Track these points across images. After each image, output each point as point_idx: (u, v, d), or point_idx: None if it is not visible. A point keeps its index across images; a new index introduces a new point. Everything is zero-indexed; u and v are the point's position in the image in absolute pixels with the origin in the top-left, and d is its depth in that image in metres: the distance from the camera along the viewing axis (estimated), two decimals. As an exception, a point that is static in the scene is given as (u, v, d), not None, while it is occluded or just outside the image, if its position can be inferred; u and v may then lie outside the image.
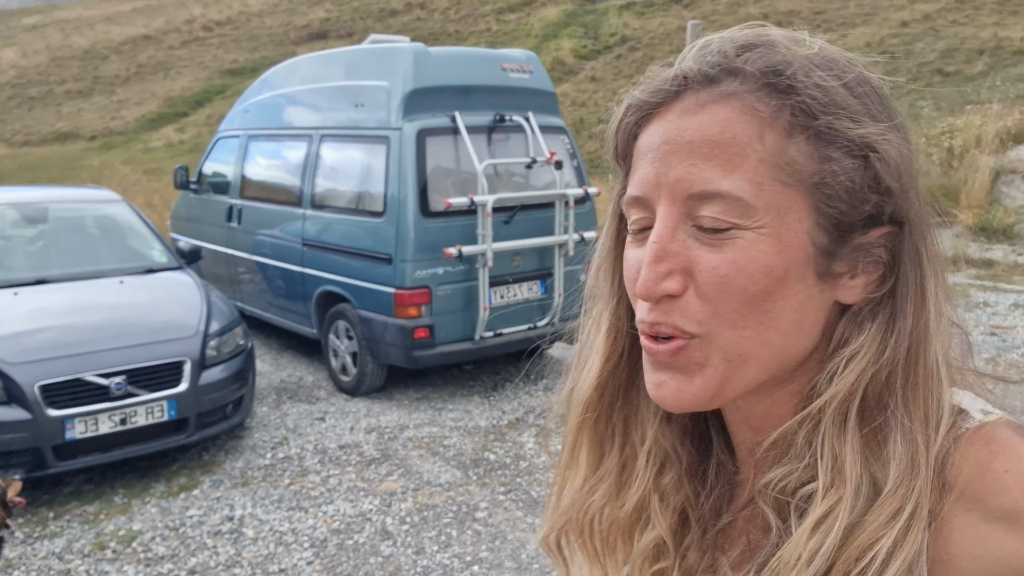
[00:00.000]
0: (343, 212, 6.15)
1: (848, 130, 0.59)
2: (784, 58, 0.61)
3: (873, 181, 0.59)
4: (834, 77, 0.60)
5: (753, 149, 0.59)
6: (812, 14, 26.86)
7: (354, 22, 35.83)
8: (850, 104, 0.60)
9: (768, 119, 0.59)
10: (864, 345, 0.60)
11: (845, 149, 0.59)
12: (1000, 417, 0.59)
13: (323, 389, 6.27)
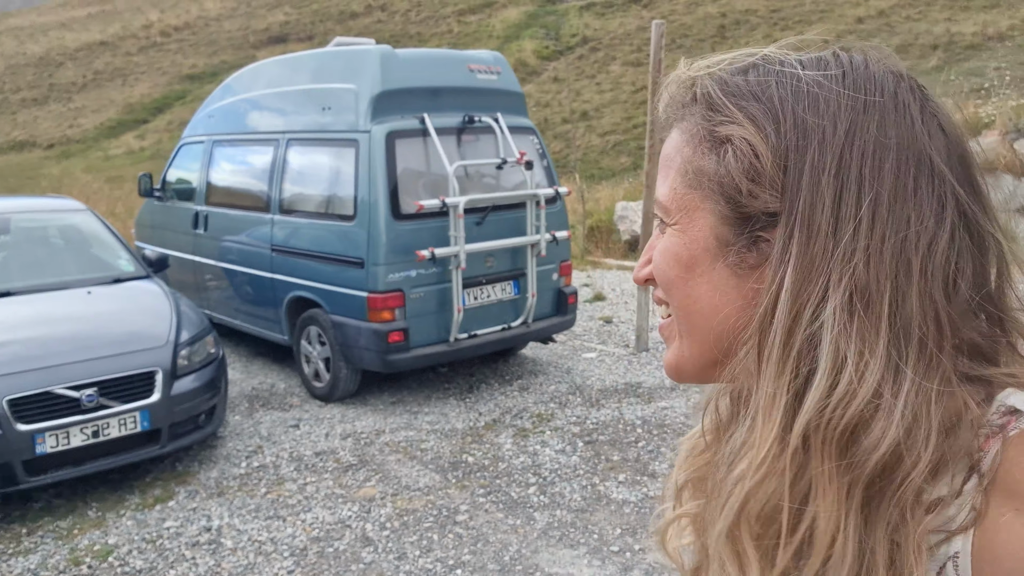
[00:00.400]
0: (312, 216, 6.10)
1: (717, 131, 0.66)
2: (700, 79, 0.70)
3: (734, 177, 0.65)
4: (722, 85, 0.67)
5: (675, 161, 0.70)
6: (769, 12, 27.22)
7: (314, 25, 35.56)
8: (727, 106, 0.66)
9: (687, 133, 0.69)
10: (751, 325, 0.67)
11: (717, 149, 0.67)
12: None
13: (296, 396, 6.21)
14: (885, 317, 0.60)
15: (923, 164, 0.62)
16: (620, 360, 6.76)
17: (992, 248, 0.64)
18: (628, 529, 4.07)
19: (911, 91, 0.65)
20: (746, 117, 0.65)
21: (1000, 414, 0.61)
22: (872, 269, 0.60)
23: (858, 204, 0.61)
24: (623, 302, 8.73)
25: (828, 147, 0.62)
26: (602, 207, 12.80)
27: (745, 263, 0.66)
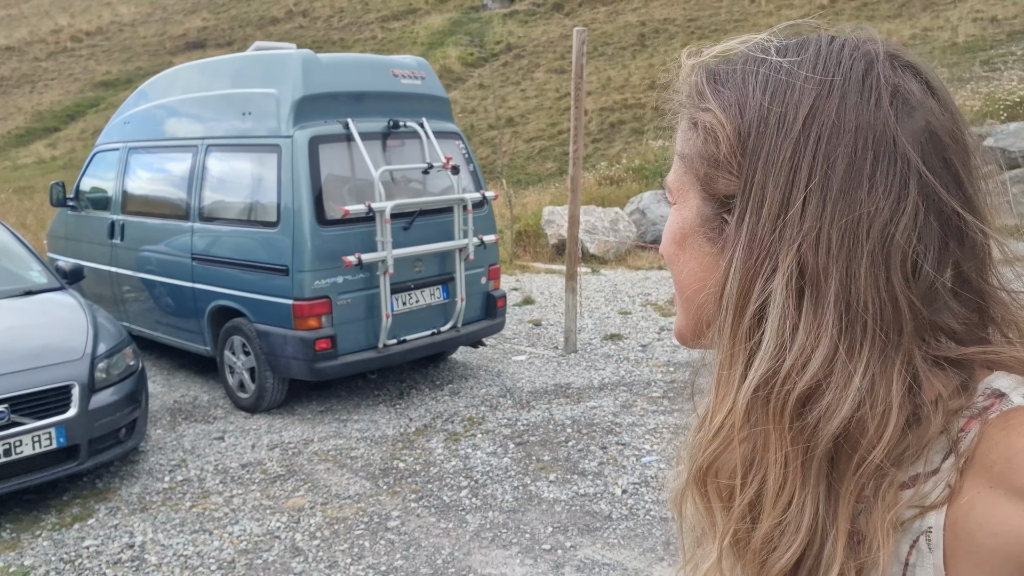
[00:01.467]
0: (234, 224, 5.98)
1: (695, 118, 0.70)
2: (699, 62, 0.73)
3: (699, 159, 0.69)
4: (706, 73, 0.71)
5: (676, 145, 0.74)
6: (686, 21, 27.89)
7: (233, 31, 34.85)
8: (706, 93, 0.70)
9: (684, 120, 0.73)
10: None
11: (691, 132, 0.71)
12: None
13: (220, 408, 6.07)
14: (833, 297, 0.61)
15: (884, 146, 0.62)
16: (549, 362, 6.81)
17: (969, 232, 0.63)
18: (559, 527, 4.11)
19: (886, 73, 0.64)
20: (716, 103, 0.68)
21: (985, 396, 0.62)
22: (820, 250, 0.61)
23: (808, 186, 0.62)
24: (552, 305, 8.81)
25: (786, 131, 0.64)
26: (529, 212, 12.90)
27: (716, 241, 0.70)
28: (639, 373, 6.42)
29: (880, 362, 0.61)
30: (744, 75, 0.68)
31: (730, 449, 0.67)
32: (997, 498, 0.57)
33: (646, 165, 13.84)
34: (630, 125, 21.15)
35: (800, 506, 0.63)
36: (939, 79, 0.66)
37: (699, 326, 0.74)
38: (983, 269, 0.65)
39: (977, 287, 0.65)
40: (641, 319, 8.02)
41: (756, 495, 0.65)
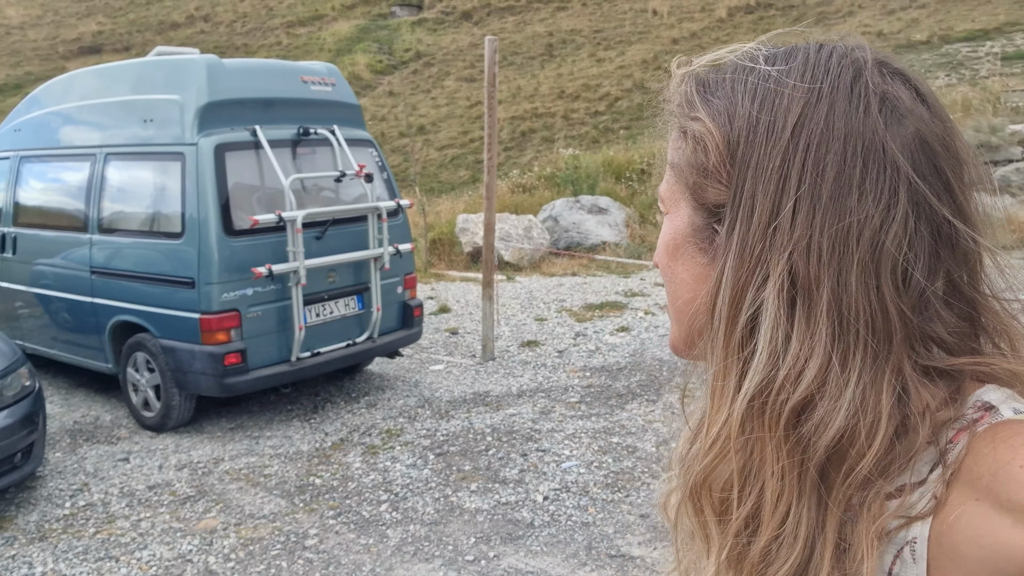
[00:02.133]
0: (136, 235, 5.73)
1: (684, 127, 0.70)
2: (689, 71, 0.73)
3: (688, 168, 0.69)
4: (695, 82, 0.71)
5: (668, 154, 0.73)
6: (592, 32, 28.38)
7: (131, 35, 33.61)
8: (696, 102, 0.69)
9: (675, 129, 0.72)
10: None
11: (681, 141, 0.71)
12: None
13: (124, 428, 5.80)
14: (825, 305, 0.61)
15: (873, 154, 0.61)
16: (467, 370, 6.78)
17: (960, 240, 0.63)
18: (482, 537, 4.07)
19: (875, 80, 0.63)
20: (706, 112, 0.67)
21: (975, 408, 0.62)
22: (811, 258, 0.61)
23: (797, 195, 0.61)
24: (468, 313, 8.78)
25: (775, 140, 0.63)
26: (443, 220, 12.84)
27: (708, 251, 0.69)
28: (556, 379, 6.45)
29: (871, 372, 0.60)
30: (733, 84, 0.67)
31: (725, 462, 0.66)
32: (983, 511, 0.56)
33: (557, 173, 13.98)
34: (540, 134, 21.36)
35: (797, 518, 0.62)
36: (928, 86, 0.66)
37: (692, 336, 0.73)
38: (974, 278, 0.65)
39: (968, 296, 0.65)
40: (557, 325, 8.07)
41: (754, 508, 0.64)
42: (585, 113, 22.05)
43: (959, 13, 20.95)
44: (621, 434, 5.27)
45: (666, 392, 6.00)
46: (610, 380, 6.34)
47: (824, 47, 0.67)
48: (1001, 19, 19.58)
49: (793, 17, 24.91)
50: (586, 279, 10.31)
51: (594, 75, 24.30)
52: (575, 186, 13.12)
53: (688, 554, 0.77)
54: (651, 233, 11.92)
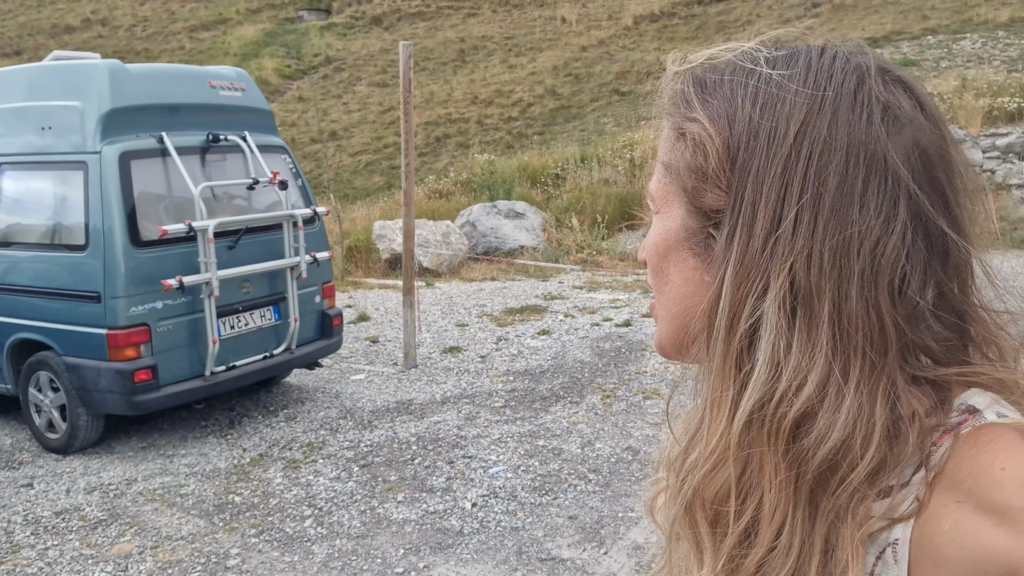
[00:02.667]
0: (35, 248, 5.44)
1: (683, 129, 0.68)
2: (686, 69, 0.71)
3: (686, 172, 0.67)
4: (692, 80, 0.69)
5: (660, 153, 0.72)
6: (503, 39, 28.54)
7: (22, 39, 32.04)
8: (694, 103, 0.68)
9: (669, 128, 0.71)
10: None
11: (679, 143, 0.69)
12: (1015, 422, 0.60)
13: (27, 451, 5.49)
14: (826, 317, 0.60)
15: (875, 164, 0.61)
16: (390, 379, 6.69)
17: (953, 250, 0.63)
18: (411, 548, 4.02)
19: (877, 88, 0.63)
20: (705, 114, 0.66)
21: (959, 412, 0.62)
22: (812, 269, 0.60)
23: (799, 204, 0.61)
24: (388, 321, 8.67)
25: (777, 147, 0.62)
26: (359, 227, 12.66)
27: (702, 256, 0.68)
28: (480, 384, 6.43)
29: (869, 383, 0.60)
30: (733, 86, 0.66)
31: (723, 474, 0.65)
32: (965, 513, 0.57)
33: (474, 178, 13.99)
34: (455, 139, 21.34)
35: (792, 530, 0.62)
36: (928, 94, 0.66)
37: (682, 340, 0.72)
38: (965, 289, 0.65)
39: (958, 308, 0.65)
40: (479, 330, 8.06)
41: (751, 521, 0.63)
42: (499, 119, 22.15)
43: (850, 22, 21.95)
44: (546, 437, 5.29)
45: (588, 393, 6.05)
46: (533, 383, 6.36)
47: (826, 51, 0.66)
48: (888, 28, 20.62)
49: (695, 26, 25.64)
50: (505, 284, 10.33)
51: (507, 81, 24.44)
52: (491, 191, 13.15)
53: (678, 558, 0.76)
54: (567, 237, 12.04)
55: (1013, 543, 0.54)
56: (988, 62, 16.36)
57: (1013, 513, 0.54)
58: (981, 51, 17.66)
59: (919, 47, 18.75)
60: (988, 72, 14.46)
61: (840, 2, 23.56)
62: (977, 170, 8.13)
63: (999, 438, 0.59)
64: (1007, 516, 0.55)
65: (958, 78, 14.28)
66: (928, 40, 19.20)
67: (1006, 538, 0.54)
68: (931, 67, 16.91)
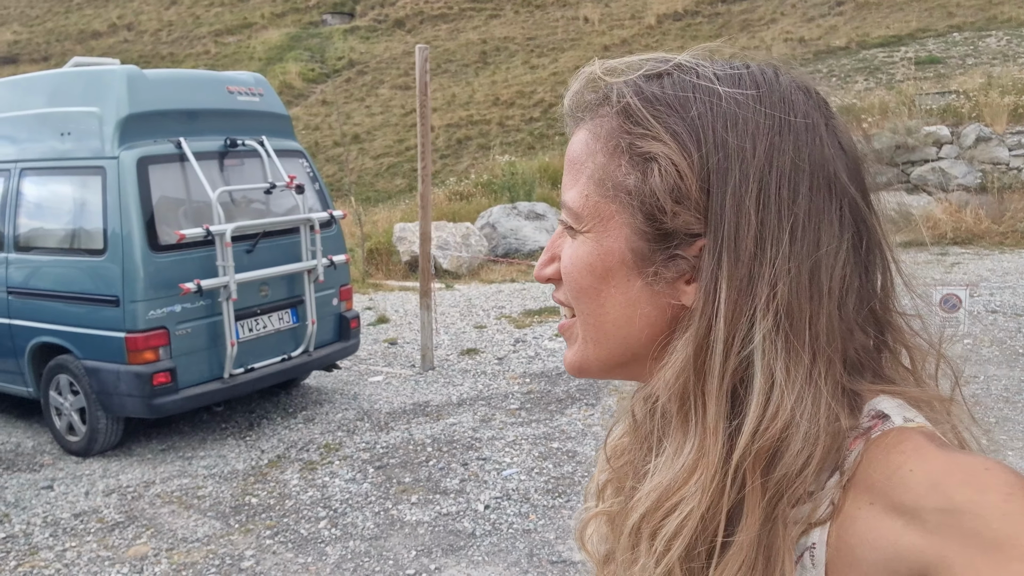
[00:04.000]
0: (55, 253, 5.52)
1: (639, 147, 0.65)
2: (614, 85, 0.68)
3: (656, 196, 0.64)
4: (641, 96, 0.66)
5: (587, 166, 0.68)
6: (525, 40, 28.53)
7: (49, 45, 32.54)
8: (647, 120, 0.65)
9: (602, 139, 0.68)
10: (676, 347, 0.66)
11: (637, 165, 0.65)
12: (921, 426, 0.63)
13: (47, 454, 5.56)
14: (807, 337, 0.62)
15: (832, 185, 0.63)
16: (407, 381, 6.71)
17: (878, 260, 0.67)
18: (423, 550, 4.02)
19: (817, 108, 0.65)
20: (668, 133, 0.64)
21: (869, 417, 0.64)
22: (795, 291, 0.62)
23: (779, 227, 0.62)
24: (407, 323, 8.70)
25: (749, 169, 0.62)
26: (380, 229, 12.72)
27: (661, 278, 0.66)
28: (496, 387, 6.42)
29: (834, 396, 0.63)
30: (687, 102, 0.65)
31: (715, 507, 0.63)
32: (876, 513, 0.58)
33: (494, 180, 13.99)
34: (476, 141, 21.37)
35: (756, 546, 0.62)
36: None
37: (620, 360, 0.71)
38: (886, 295, 0.68)
39: (879, 315, 0.67)
40: (496, 332, 8.05)
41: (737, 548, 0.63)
42: (520, 120, 22.15)
43: (874, 20, 21.69)
44: (561, 439, 5.27)
45: (604, 396, 6.03)
46: (550, 386, 6.35)
47: (766, 69, 0.67)
48: (913, 25, 20.35)
49: (719, 24, 25.46)
50: (525, 285, 10.32)
51: (528, 82, 24.43)
52: (512, 192, 13.15)
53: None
54: (587, 238, 12.00)
55: (923, 542, 0.55)
56: (1014, 59, 16.10)
57: (922, 513, 0.56)
58: (1006, 48, 17.39)
59: (944, 44, 18.50)
60: (1013, 70, 14.21)
61: (864, 1, 23.30)
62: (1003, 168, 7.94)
63: (906, 441, 0.61)
64: (916, 516, 0.56)
65: (984, 75, 14.06)
66: (954, 37, 18.94)
67: (916, 538, 0.56)
68: (956, 64, 16.67)
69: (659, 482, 0.67)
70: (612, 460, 0.82)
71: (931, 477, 0.57)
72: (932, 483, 0.56)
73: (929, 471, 0.57)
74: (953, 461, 0.58)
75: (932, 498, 0.56)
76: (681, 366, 0.65)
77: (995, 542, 0.52)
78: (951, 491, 0.55)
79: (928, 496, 0.56)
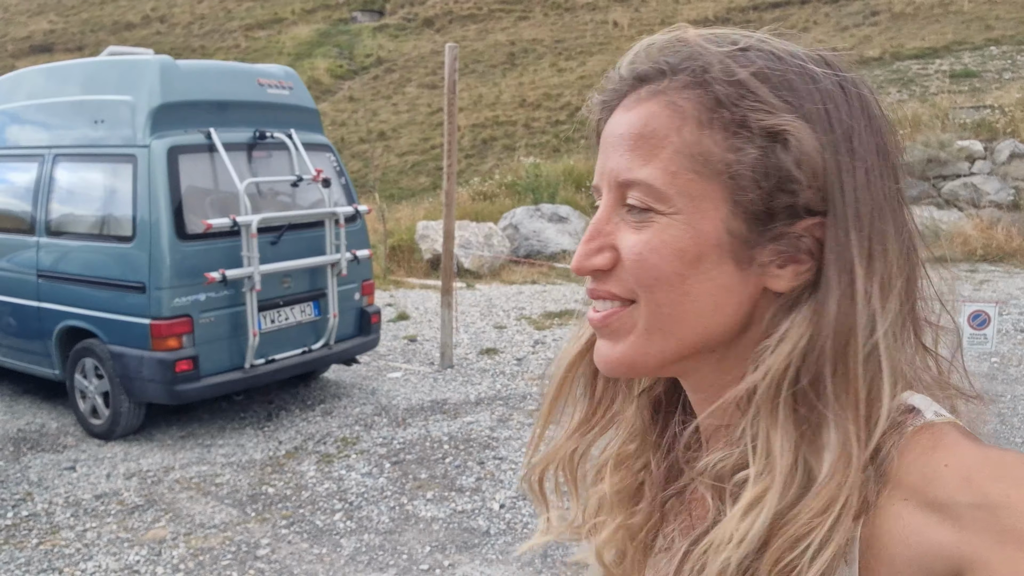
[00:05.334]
0: (85, 239, 5.59)
1: (758, 121, 0.62)
2: (703, 55, 0.65)
3: (785, 172, 0.62)
4: (751, 70, 0.63)
5: (670, 141, 0.63)
6: (553, 43, 28.52)
7: (84, 35, 32.96)
8: (763, 95, 0.62)
9: (687, 113, 0.63)
10: (788, 333, 0.62)
11: (755, 140, 0.62)
12: (951, 420, 0.62)
13: (71, 435, 5.64)
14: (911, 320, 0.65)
15: (899, 167, 0.66)
16: (425, 378, 6.73)
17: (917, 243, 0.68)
18: (437, 546, 4.03)
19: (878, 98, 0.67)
20: (789, 109, 0.62)
21: (900, 412, 0.62)
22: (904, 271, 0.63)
23: (886, 206, 0.63)
24: (427, 320, 8.72)
25: (857, 147, 0.62)
26: (403, 226, 12.77)
27: (756, 261, 0.64)
28: (515, 387, 6.43)
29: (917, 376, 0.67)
30: (791, 79, 0.63)
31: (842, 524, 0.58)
32: (910, 510, 0.57)
33: (518, 181, 14.00)
34: (502, 142, 21.39)
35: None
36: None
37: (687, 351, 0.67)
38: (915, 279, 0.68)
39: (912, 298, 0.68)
40: (516, 333, 8.06)
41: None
42: (546, 122, 22.14)
43: (910, 31, 21.47)
44: (578, 442, 5.26)
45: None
46: (568, 388, 6.33)
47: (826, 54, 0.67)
48: (949, 38, 20.12)
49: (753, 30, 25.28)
50: (545, 287, 10.32)
51: (555, 84, 24.42)
52: (536, 194, 13.14)
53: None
54: (610, 242, 11.97)
55: (957, 538, 0.54)
56: (1052, 74, 15.88)
57: (956, 509, 0.55)
58: (1045, 63, 17.15)
59: (981, 58, 18.27)
60: (1051, 85, 14.02)
61: (900, 11, 23.09)
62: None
63: (939, 436, 0.60)
64: (951, 512, 0.55)
65: (1021, 90, 13.88)
66: (991, 51, 18.71)
67: (950, 534, 0.55)
68: (993, 78, 16.47)
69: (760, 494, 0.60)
70: (616, 471, 0.80)
71: (965, 472, 0.56)
72: (965, 478, 0.56)
73: (962, 466, 0.57)
74: (986, 456, 0.57)
75: (966, 493, 0.55)
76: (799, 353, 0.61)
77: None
78: (985, 486, 0.55)
79: (962, 491, 0.55)
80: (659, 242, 0.63)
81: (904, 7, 23.09)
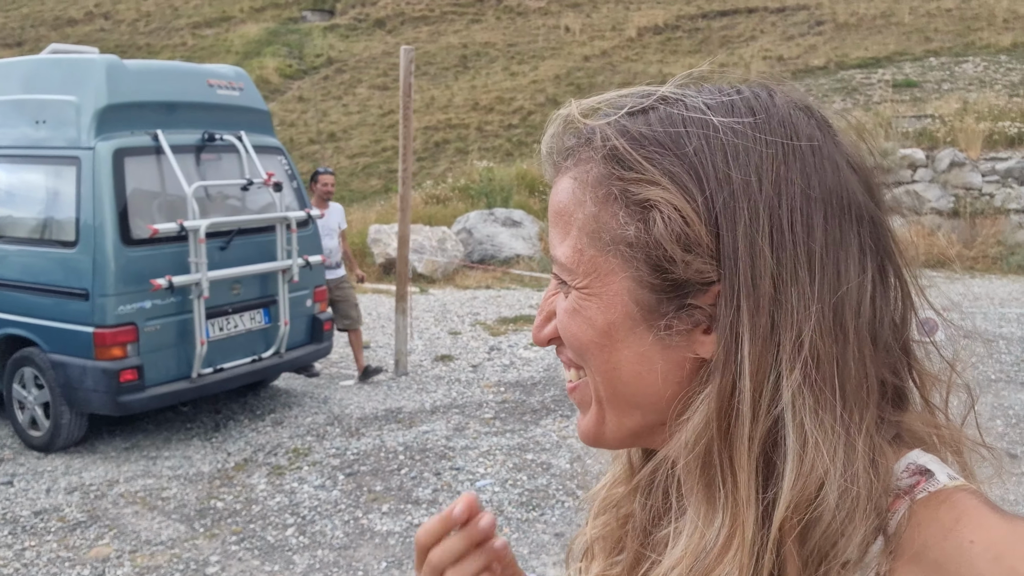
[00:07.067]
0: (24, 243, 5.39)
1: (634, 195, 0.59)
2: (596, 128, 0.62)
3: (662, 247, 0.58)
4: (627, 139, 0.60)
5: (575, 217, 0.62)
6: (506, 46, 28.53)
7: (24, 31, 31.96)
8: (640, 165, 0.59)
9: (590, 187, 0.61)
10: (700, 405, 0.60)
11: (635, 213, 0.59)
12: (966, 484, 0.58)
13: (8, 448, 5.41)
14: (836, 384, 0.56)
15: (848, 209, 0.58)
16: (379, 386, 6.63)
17: (898, 285, 0.62)
18: (393, 561, 3.95)
19: (820, 127, 0.60)
20: (665, 176, 0.58)
21: (909, 473, 0.58)
22: (821, 336, 0.56)
23: (796, 266, 0.56)
24: (380, 326, 8.61)
25: (759, 204, 0.57)
26: (355, 230, 12.59)
27: (675, 330, 0.60)
28: (471, 394, 6.37)
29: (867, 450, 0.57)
30: (681, 139, 0.59)
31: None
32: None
33: (472, 185, 13.95)
34: (454, 145, 21.31)
35: None
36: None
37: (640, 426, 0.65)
38: (905, 325, 0.63)
39: (903, 342, 0.63)
40: (471, 339, 8.00)
41: None
42: (499, 126, 22.12)
43: (853, 41, 21.99)
44: (536, 451, 5.23)
45: (580, 408, 6.00)
46: (524, 395, 6.30)
47: (759, 91, 0.61)
48: (891, 48, 20.66)
49: (699, 39, 25.67)
50: (500, 292, 10.28)
51: (508, 88, 24.42)
52: (489, 198, 13.11)
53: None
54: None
55: None
56: (990, 86, 16.39)
57: None
58: (983, 75, 17.70)
59: (921, 68, 18.79)
60: (989, 96, 14.47)
61: (844, 21, 23.62)
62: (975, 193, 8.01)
63: (959, 504, 0.55)
64: None
65: (959, 101, 14.30)
66: (931, 62, 19.25)
67: None
68: (933, 89, 16.94)
69: (681, 556, 0.60)
70: (602, 514, 0.77)
71: (993, 549, 0.52)
72: (995, 556, 0.52)
73: (990, 542, 0.53)
74: (1014, 530, 0.54)
75: (996, 573, 0.51)
76: (703, 426, 0.59)
77: None
78: (1017, 565, 0.51)
79: (991, 571, 0.52)
80: (574, 312, 0.63)
81: (848, 17, 23.65)
